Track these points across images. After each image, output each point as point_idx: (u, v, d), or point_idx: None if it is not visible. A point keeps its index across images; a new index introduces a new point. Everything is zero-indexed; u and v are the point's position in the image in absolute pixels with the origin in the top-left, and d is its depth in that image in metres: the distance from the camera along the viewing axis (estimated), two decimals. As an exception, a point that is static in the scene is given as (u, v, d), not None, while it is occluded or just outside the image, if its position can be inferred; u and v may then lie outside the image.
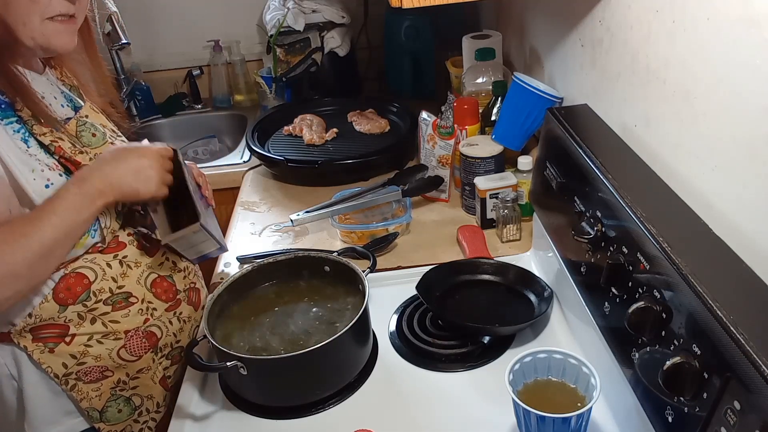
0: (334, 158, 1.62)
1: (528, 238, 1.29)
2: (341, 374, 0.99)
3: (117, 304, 1.02)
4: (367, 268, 1.09)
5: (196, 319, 1.17)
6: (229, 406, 1.00)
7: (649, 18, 0.91)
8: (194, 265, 1.19)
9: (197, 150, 2.18)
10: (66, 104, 1.03)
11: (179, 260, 1.13)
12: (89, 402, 1.03)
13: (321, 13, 1.96)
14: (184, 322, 1.13)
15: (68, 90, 1.07)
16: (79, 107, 1.06)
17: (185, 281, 1.14)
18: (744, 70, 0.70)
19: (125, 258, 1.03)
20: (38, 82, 0.99)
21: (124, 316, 1.03)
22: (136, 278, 1.04)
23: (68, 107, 1.04)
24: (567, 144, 1.01)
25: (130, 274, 1.03)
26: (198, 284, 1.19)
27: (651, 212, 0.78)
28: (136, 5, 2.15)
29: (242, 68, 2.20)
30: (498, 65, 1.55)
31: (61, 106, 1.02)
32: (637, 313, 0.73)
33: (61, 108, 1.02)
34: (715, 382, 0.61)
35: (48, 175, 0.93)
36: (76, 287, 0.98)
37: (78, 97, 1.08)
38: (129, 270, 1.03)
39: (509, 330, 1.06)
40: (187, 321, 1.14)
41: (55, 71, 1.06)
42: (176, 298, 1.11)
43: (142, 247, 1.06)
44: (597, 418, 0.88)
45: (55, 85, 1.04)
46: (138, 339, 1.05)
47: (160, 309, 1.08)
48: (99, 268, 1.00)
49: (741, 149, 0.72)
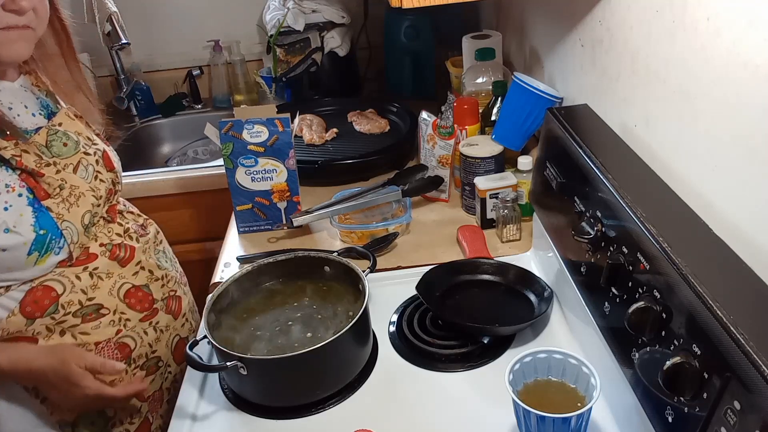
0: (334, 158, 1.62)
1: (528, 238, 1.29)
2: (341, 374, 0.99)
3: (87, 316, 1.01)
4: (367, 268, 1.09)
5: (176, 328, 1.15)
6: (229, 406, 1.00)
7: (649, 18, 0.91)
8: (176, 272, 1.18)
9: (197, 150, 2.18)
10: (39, 112, 1.02)
11: (157, 268, 1.12)
12: (60, 414, 1.02)
13: (321, 13, 1.96)
14: (161, 331, 1.11)
15: (44, 96, 1.05)
16: (54, 113, 1.04)
17: (164, 290, 1.12)
18: (744, 70, 0.70)
19: (96, 270, 1.02)
20: (6, 92, 0.98)
21: (94, 328, 1.01)
22: (108, 289, 1.03)
23: (41, 115, 1.02)
24: (567, 144, 1.01)
25: (102, 286, 1.02)
26: (180, 291, 1.18)
27: (651, 212, 0.78)
28: (136, 5, 2.15)
29: (242, 68, 2.20)
30: (498, 65, 1.55)
31: (32, 115, 1.00)
32: (637, 313, 0.73)
33: (31, 117, 1.00)
34: (715, 382, 0.61)
35: (6, 198, 0.91)
36: (44, 300, 0.97)
37: (54, 102, 1.06)
38: (100, 281, 1.02)
39: (509, 330, 1.06)
40: (165, 330, 1.12)
41: (29, 77, 1.04)
42: (153, 308, 1.09)
43: (115, 257, 1.04)
44: (597, 418, 0.88)
45: (29, 92, 1.02)
46: (109, 350, 1.03)
47: (134, 319, 1.06)
48: (68, 281, 0.99)
49: (741, 149, 0.72)
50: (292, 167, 1.37)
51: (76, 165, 1.02)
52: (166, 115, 2.21)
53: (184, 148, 2.18)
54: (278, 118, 1.33)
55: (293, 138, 1.35)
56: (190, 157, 2.16)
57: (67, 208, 0.98)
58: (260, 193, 1.38)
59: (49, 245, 0.95)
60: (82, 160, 1.03)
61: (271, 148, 1.34)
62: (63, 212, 0.97)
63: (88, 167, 1.04)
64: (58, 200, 0.97)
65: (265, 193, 1.38)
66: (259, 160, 1.35)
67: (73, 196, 0.99)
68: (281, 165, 1.36)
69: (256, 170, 1.36)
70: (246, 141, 1.33)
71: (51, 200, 0.96)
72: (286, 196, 1.39)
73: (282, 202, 1.40)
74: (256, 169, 1.36)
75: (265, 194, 1.38)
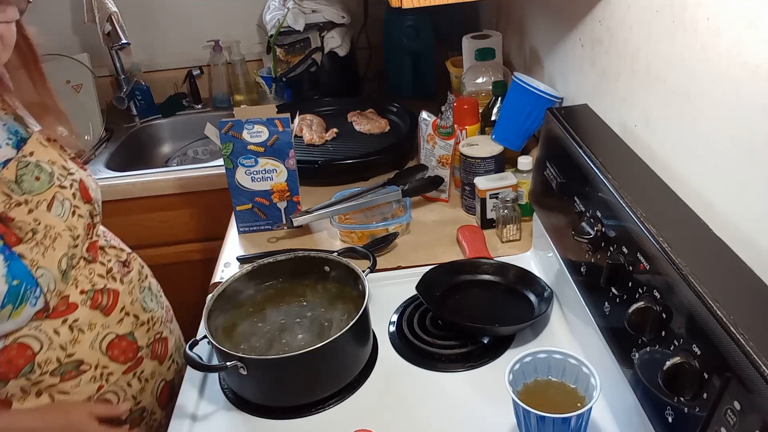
0: (334, 158, 1.62)
1: (528, 238, 1.29)
2: (341, 374, 0.99)
3: (66, 374, 0.93)
4: (367, 268, 1.09)
5: (161, 373, 1.09)
6: (228, 406, 1.00)
7: (649, 18, 0.91)
8: (162, 309, 1.12)
9: (197, 150, 2.18)
10: (6, 141, 0.91)
11: (142, 311, 1.05)
12: None
13: (321, 13, 1.96)
14: (146, 381, 1.05)
15: (12, 120, 0.94)
16: (24, 139, 0.93)
17: (149, 334, 1.06)
18: (744, 70, 0.70)
19: (76, 322, 0.93)
20: None
21: (74, 387, 0.94)
22: (89, 343, 0.95)
23: (8, 145, 0.91)
24: (567, 144, 1.01)
25: (82, 339, 0.94)
26: (166, 332, 1.12)
27: (651, 212, 0.78)
28: (136, 5, 2.15)
29: (242, 68, 2.20)
30: (498, 65, 1.55)
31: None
32: (637, 313, 0.73)
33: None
34: (715, 382, 0.61)
35: None
36: (18, 360, 0.88)
37: (24, 127, 0.95)
38: (81, 334, 0.94)
39: (509, 330, 1.06)
40: (150, 378, 1.06)
41: None
42: (137, 357, 1.03)
43: (97, 306, 0.96)
44: (597, 418, 0.88)
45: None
46: None
47: (116, 373, 0.99)
48: (45, 337, 0.90)
49: (741, 149, 0.72)
50: (292, 167, 1.37)
51: (50, 201, 0.92)
52: (166, 115, 2.21)
53: (184, 148, 2.18)
54: (278, 118, 1.33)
55: (293, 138, 1.35)
56: (190, 157, 2.17)
57: (41, 253, 0.89)
58: (260, 193, 1.38)
59: (24, 296, 0.86)
60: (57, 195, 0.93)
61: (271, 148, 1.34)
62: (37, 258, 0.88)
63: (64, 202, 0.94)
64: (32, 244, 0.88)
65: (265, 193, 1.38)
66: (259, 160, 1.35)
67: (48, 238, 0.90)
68: (281, 165, 1.36)
69: (256, 170, 1.36)
70: (246, 141, 1.33)
71: (23, 245, 0.87)
72: (286, 196, 1.39)
73: (282, 202, 1.40)
74: (256, 169, 1.36)
75: (265, 194, 1.38)
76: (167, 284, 1.22)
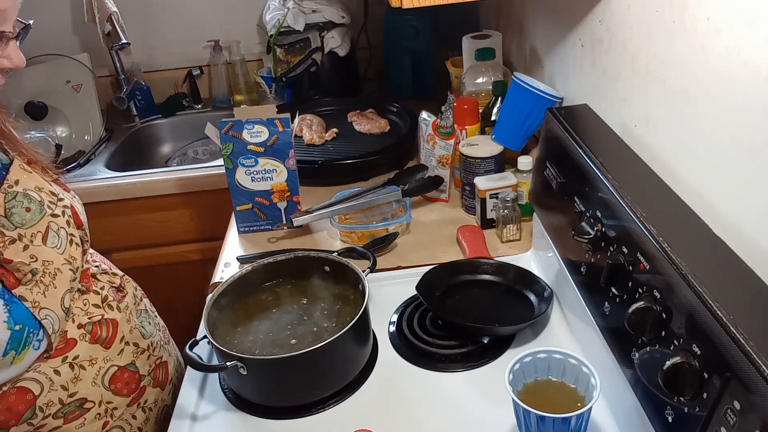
0: (334, 158, 1.62)
1: (528, 238, 1.29)
2: (341, 374, 0.99)
3: (69, 415, 0.90)
4: (367, 268, 1.09)
5: (164, 399, 1.08)
6: (228, 406, 1.00)
7: (649, 18, 0.91)
8: (159, 331, 1.10)
9: (197, 150, 2.18)
10: None
11: (141, 338, 1.02)
12: None
13: (321, 13, 1.96)
14: (149, 410, 1.03)
15: None
16: (6, 165, 0.86)
17: (150, 360, 1.04)
18: (744, 70, 0.70)
19: (76, 359, 0.90)
20: None
21: (78, 427, 0.91)
22: (91, 379, 0.92)
23: None
24: (567, 144, 1.01)
25: (84, 376, 0.91)
26: (165, 355, 1.10)
27: (651, 212, 0.78)
28: (136, 5, 2.15)
29: (242, 68, 2.20)
30: (498, 65, 1.55)
31: None
32: (637, 313, 0.73)
33: None
34: (715, 382, 0.61)
35: None
36: (18, 406, 0.85)
37: (3, 152, 0.87)
38: (82, 371, 0.91)
39: (509, 330, 1.06)
40: (154, 407, 1.05)
41: None
42: (140, 387, 1.01)
43: (96, 340, 0.93)
44: (597, 418, 0.88)
45: None
46: None
47: (121, 407, 0.97)
48: (45, 378, 0.87)
49: (741, 149, 0.72)
50: (292, 167, 1.37)
51: (45, 233, 0.86)
52: (166, 115, 2.21)
53: (184, 148, 2.18)
54: (278, 118, 1.33)
55: (293, 138, 1.35)
56: (190, 157, 2.17)
57: (42, 293, 0.85)
58: (260, 193, 1.38)
59: (27, 340, 0.83)
60: (51, 225, 0.88)
61: (271, 148, 1.34)
62: (39, 299, 0.84)
63: (60, 231, 0.89)
64: (31, 285, 0.84)
65: (265, 193, 1.38)
66: (259, 160, 1.35)
67: (48, 276, 0.86)
68: (281, 165, 1.36)
69: (256, 170, 1.36)
70: (246, 141, 1.33)
71: (23, 287, 0.83)
72: (286, 196, 1.39)
73: (282, 202, 1.40)
74: (256, 169, 1.36)
75: (265, 194, 1.38)
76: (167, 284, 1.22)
